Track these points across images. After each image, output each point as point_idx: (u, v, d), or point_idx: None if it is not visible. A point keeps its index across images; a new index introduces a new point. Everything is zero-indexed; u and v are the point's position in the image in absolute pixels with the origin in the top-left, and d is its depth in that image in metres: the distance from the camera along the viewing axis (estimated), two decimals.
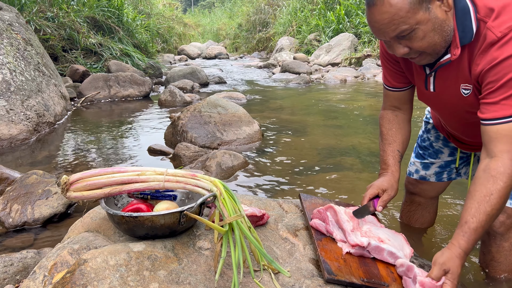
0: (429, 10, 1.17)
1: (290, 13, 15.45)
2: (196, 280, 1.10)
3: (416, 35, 1.20)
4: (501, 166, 1.18)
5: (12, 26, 4.82)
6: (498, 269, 1.61)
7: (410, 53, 1.27)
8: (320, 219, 1.42)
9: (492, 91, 1.20)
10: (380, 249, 1.28)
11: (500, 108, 1.18)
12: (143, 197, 1.36)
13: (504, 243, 1.56)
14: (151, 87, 6.87)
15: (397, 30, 1.19)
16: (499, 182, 1.17)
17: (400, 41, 1.23)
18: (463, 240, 1.19)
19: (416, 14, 1.16)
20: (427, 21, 1.18)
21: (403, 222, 2.10)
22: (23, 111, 4.05)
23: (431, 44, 1.23)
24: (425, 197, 1.96)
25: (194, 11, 34.12)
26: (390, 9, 1.15)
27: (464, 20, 1.23)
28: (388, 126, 1.60)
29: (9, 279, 1.46)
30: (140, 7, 13.80)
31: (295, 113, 5.31)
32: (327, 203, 1.53)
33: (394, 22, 1.17)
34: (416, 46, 1.23)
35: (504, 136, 1.18)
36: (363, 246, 1.28)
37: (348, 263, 1.25)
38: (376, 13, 1.18)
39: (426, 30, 1.19)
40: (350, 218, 1.38)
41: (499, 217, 1.51)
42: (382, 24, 1.19)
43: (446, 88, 1.38)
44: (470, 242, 1.19)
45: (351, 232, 1.32)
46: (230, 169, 2.99)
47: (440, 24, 1.20)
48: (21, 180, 2.38)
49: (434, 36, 1.21)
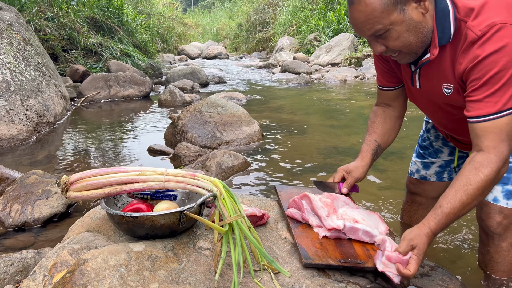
0: (403, 12, 1.21)
1: (290, 13, 15.44)
2: (196, 280, 1.10)
3: (391, 35, 1.24)
4: (485, 159, 1.22)
5: (12, 26, 4.82)
6: (497, 269, 1.61)
7: (387, 51, 1.32)
8: (296, 207, 1.46)
9: (476, 88, 1.23)
10: (355, 229, 1.33)
11: (484, 106, 1.22)
12: (143, 197, 1.36)
13: (502, 243, 1.56)
14: (151, 87, 6.87)
15: (372, 30, 1.24)
16: (480, 174, 1.21)
17: (377, 40, 1.29)
18: (433, 222, 1.24)
19: (390, 15, 1.20)
20: (401, 22, 1.22)
21: (404, 221, 2.10)
22: (23, 111, 4.05)
23: (405, 44, 1.27)
24: (426, 197, 1.96)
25: (194, 11, 34.13)
26: (366, 9, 1.20)
27: (444, 21, 1.26)
28: (373, 119, 1.68)
29: (9, 279, 1.46)
30: (140, 7, 13.80)
31: (295, 113, 5.31)
32: (302, 192, 1.57)
33: (369, 21, 1.22)
34: (391, 45, 1.27)
35: (490, 133, 1.22)
36: (339, 229, 1.33)
37: (324, 247, 1.30)
38: (354, 11, 1.24)
39: (400, 31, 1.23)
40: (325, 205, 1.43)
41: (495, 217, 1.52)
42: (359, 23, 1.25)
43: (430, 86, 1.42)
44: (439, 225, 1.24)
45: (327, 217, 1.37)
46: (230, 169, 2.99)
47: (415, 25, 1.24)
48: (21, 180, 2.38)
49: (408, 37, 1.25)
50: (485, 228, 1.58)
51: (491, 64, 1.19)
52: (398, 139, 3.91)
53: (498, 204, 1.51)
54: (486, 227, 1.57)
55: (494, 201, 1.53)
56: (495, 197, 1.53)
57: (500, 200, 1.51)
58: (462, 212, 1.25)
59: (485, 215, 1.56)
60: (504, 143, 1.22)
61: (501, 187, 1.51)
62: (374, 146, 1.63)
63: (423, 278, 1.34)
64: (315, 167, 3.14)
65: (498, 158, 1.22)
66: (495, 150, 1.22)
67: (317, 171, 3.07)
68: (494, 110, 1.21)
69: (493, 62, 1.18)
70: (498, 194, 1.52)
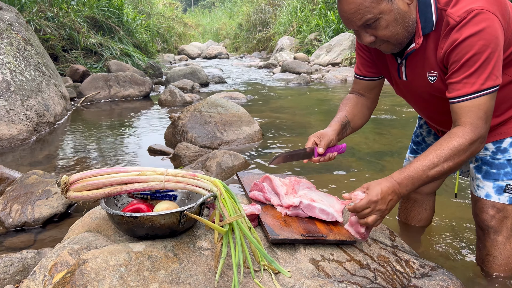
0: (391, 1, 1.30)
1: (290, 13, 15.44)
2: (196, 280, 1.10)
3: (380, 24, 1.32)
4: (461, 131, 1.31)
5: (12, 26, 4.82)
6: (494, 263, 1.63)
7: (376, 42, 1.39)
8: (258, 190, 1.54)
9: (455, 70, 1.31)
10: (312, 207, 1.42)
11: (463, 87, 1.30)
12: (143, 197, 1.36)
13: (497, 237, 1.59)
14: (151, 87, 6.87)
15: (363, 19, 1.31)
16: (453, 141, 1.30)
17: (366, 30, 1.35)
18: (399, 172, 1.33)
19: (379, 5, 1.28)
20: (389, 11, 1.30)
21: (401, 220, 2.11)
22: (23, 111, 4.05)
23: (393, 33, 1.34)
24: (420, 193, 1.97)
25: (194, 11, 34.12)
26: (356, 0, 1.27)
27: (426, 12, 1.35)
28: (345, 102, 1.74)
29: (9, 279, 1.46)
30: (140, 7, 13.80)
31: (296, 113, 5.31)
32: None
33: (360, 11, 1.29)
34: (381, 34, 1.34)
35: (468, 111, 1.30)
36: (296, 206, 1.42)
37: (288, 223, 1.38)
38: (344, 3, 1.31)
39: (389, 20, 1.31)
40: (284, 184, 1.50)
41: (489, 211, 1.57)
42: (350, 14, 1.31)
43: (416, 76, 1.48)
44: (404, 176, 1.31)
45: (285, 195, 1.47)
46: (230, 169, 2.99)
47: (402, 15, 1.32)
48: (21, 180, 2.38)
49: (396, 26, 1.33)
50: (480, 223, 1.62)
51: (468, 47, 1.26)
52: (397, 139, 3.92)
53: (490, 199, 1.56)
54: (480, 221, 1.61)
55: (486, 197, 1.57)
56: (487, 193, 1.57)
57: (492, 195, 1.55)
58: (431, 173, 1.31)
59: (479, 209, 1.60)
60: (481, 120, 1.30)
61: (492, 183, 1.55)
62: (344, 120, 1.68)
63: (423, 278, 1.33)
64: (315, 167, 3.14)
65: (473, 132, 1.30)
66: (472, 124, 1.30)
67: (317, 171, 3.07)
68: (471, 90, 1.28)
69: (469, 45, 1.26)
70: (490, 190, 1.56)
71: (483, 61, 1.26)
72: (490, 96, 1.29)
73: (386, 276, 1.30)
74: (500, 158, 1.53)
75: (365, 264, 1.33)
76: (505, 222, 1.56)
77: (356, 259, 1.35)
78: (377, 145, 3.81)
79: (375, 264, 1.35)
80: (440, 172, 1.31)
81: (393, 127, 4.47)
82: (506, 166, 1.52)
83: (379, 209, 1.30)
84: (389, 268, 1.35)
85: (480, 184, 1.59)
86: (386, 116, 5.00)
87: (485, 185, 1.57)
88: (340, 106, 1.74)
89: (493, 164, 1.54)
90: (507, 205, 1.54)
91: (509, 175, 1.52)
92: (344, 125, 1.67)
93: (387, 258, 1.39)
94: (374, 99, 1.75)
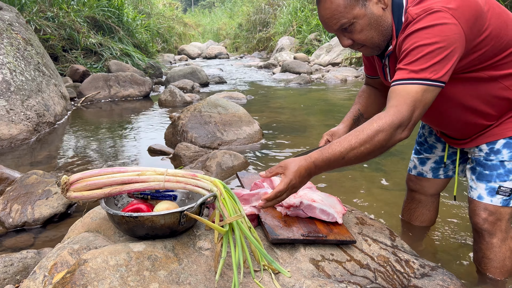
0: (365, 7, 1.35)
1: (290, 12, 15.44)
2: (196, 280, 1.10)
3: (355, 28, 1.37)
4: (383, 114, 1.29)
5: (12, 26, 4.82)
6: (490, 266, 1.63)
7: (354, 45, 1.44)
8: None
9: (401, 59, 1.33)
10: (312, 207, 1.42)
11: (401, 72, 1.31)
12: (143, 197, 1.36)
13: (492, 239, 1.59)
14: (151, 87, 6.86)
15: (338, 24, 1.36)
16: (374, 124, 1.28)
17: (344, 34, 1.41)
18: (317, 153, 1.29)
19: (353, 10, 1.33)
20: (363, 16, 1.35)
21: (404, 219, 2.11)
22: (23, 111, 4.05)
23: (368, 37, 1.40)
24: (425, 193, 1.97)
25: (194, 11, 34.12)
26: (331, 5, 1.34)
27: (398, 14, 1.39)
28: (360, 94, 1.82)
29: (9, 279, 1.46)
30: (140, 7, 13.81)
31: (296, 113, 5.31)
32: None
33: (335, 16, 1.35)
34: (356, 38, 1.40)
35: (397, 95, 1.30)
36: (296, 206, 1.42)
37: (288, 223, 1.39)
38: (321, 9, 1.37)
39: (363, 24, 1.36)
40: None
41: (481, 214, 1.56)
42: (326, 19, 1.37)
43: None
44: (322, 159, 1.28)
45: None
46: (230, 169, 2.99)
47: (376, 19, 1.37)
48: (21, 180, 2.37)
49: (370, 30, 1.38)
50: (474, 225, 1.63)
51: (416, 38, 1.28)
52: None
53: (482, 201, 1.56)
54: (474, 224, 1.62)
55: (478, 199, 1.57)
56: (479, 195, 1.57)
57: (484, 197, 1.55)
58: (348, 156, 1.27)
59: (472, 212, 1.61)
60: (407, 106, 1.27)
61: (485, 184, 1.55)
62: (357, 113, 1.75)
63: (423, 278, 1.33)
64: None
65: (394, 115, 1.27)
66: (396, 108, 1.28)
67: None
68: (407, 76, 1.29)
69: (417, 36, 1.28)
70: (482, 191, 1.56)
71: (427, 53, 1.26)
72: (423, 87, 1.26)
73: (386, 276, 1.30)
74: (493, 159, 1.52)
75: (365, 264, 1.33)
76: (498, 224, 1.55)
77: (356, 259, 1.35)
78: None
79: (375, 264, 1.34)
80: (358, 154, 1.28)
81: None
82: (499, 168, 1.51)
83: (294, 187, 1.28)
84: (389, 268, 1.35)
85: (474, 185, 1.59)
86: None
87: (478, 186, 1.57)
88: (356, 99, 1.82)
89: (486, 165, 1.54)
90: (500, 207, 1.53)
91: (502, 177, 1.51)
92: (357, 119, 1.73)
93: (387, 258, 1.39)
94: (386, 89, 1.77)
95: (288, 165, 1.28)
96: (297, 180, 1.26)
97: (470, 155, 1.65)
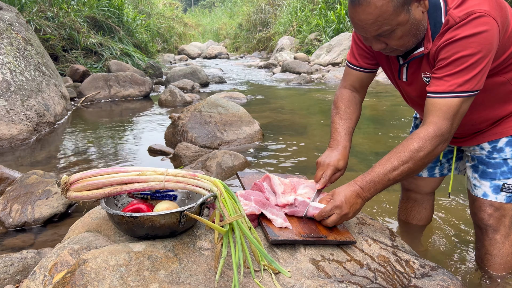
0: (409, 12, 1.24)
1: (290, 12, 15.44)
2: (197, 280, 1.10)
3: (395, 35, 1.27)
4: (423, 132, 1.29)
5: (12, 26, 4.82)
6: (493, 262, 1.63)
7: (385, 49, 1.36)
8: (257, 190, 1.52)
9: (441, 67, 1.29)
10: (306, 203, 1.40)
11: (442, 84, 1.28)
12: (143, 197, 1.36)
13: (496, 236, 1.60)
14: (151, 87, 6.86)
15: (380, 30, 1.26)
16: (414, 143, 1.29)
17: (379, 38, 1.31)
18: (361, 177, 1.34)
19: (398, 16, 1.23)
20: (406, 22, 1.25)
21: (401, 219, 2.11)
22: (23, 111, 4.05)
23: (405, 43, 1.31)
24: (420, 192, 1.98)
25: (194, 11, 34.12)
26: (375, 11, 1.21)
27: (435, 16, 1.31)
28: (347, 104, 1.64)
29: (9, 279, 1.46)
30: (140, 7, 13.80)
31: (296, 113, 5.31)
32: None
33: (378, 23, 1.23)
34: (393, 44, 1.31)
35: (438, 110, 1.28)
36: (291, 203, 1.40)
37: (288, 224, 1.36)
38: (360, 13, 1.24)
39: (404, 31, 1.27)
40: (282, 183, 1.48)
41: (486, 209, 1.57)
42: (366, 24, 1.25)
43: (416, 78, 1.46)
44: (366, 181, 1.32)
45: (282, 194, 1.44)
46: (230, 169, 2.99)
47: (416, 25, 1.28)
48: (21, 180, 2.37)
49: (409, 35, 1.29)
50: (478, 222, 1.63)
51: (460, 47, 1.23)
52: (396, 140, 3.91)
53: (487, 198, 1.57)
54: (478, 220, 1.62)
55: (483, 196, 1.58)
56: (484, 192, 1.58)
57: (489, 194, 1.56)
58: (392, 176, 1.31)
59: (477, 208, 1.62)
60: (447, 121, 1.28)
61: (489, 182, 1.56)
62: (351, 131, 1.62)
63: (423, 278, 1.33)
64: (315, 167, 3.14)
65: (435, 133, 1.28)
66: (436, 125, 1.28)
67: None
68: (449, 89, 1.27)
69: (462, 45, 1.23)
70: (487, 189, 1.57)
71: (471, 64, 1.24)
72: (464, 100, 1.27)
73: (386, 276, 1.30)
74: (496, 158, 1.54)
75: (365, 264, 1.33)
76: (503, 220, 1.57)
77: (356, 259, 1.35)
78: (378, 145, 3.81)
79: (375, 264, 1.34)
80: (401, 174, 1.31)
81: (393, 127, 4.47)
82: (503, 165, 1.53)
83: (344, 213, 1.32)
84: (389, 268, 1.35)
85: (477, 184, 1.60)
86: (386, 116, 4.99)
87: (482, 184, 1.58)
88: (342, 109, 1.62)
89: (489, 164, 1.56)
90: (505, 203, 1.55)
91: (506, 174, 1.53)
92: (351, 136, 1.63)
93: (387, 258, 1.39)
94: (365, 93, 1.73)
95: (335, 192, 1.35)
96: (343, 203, 1.31)
97: (469, 153, 1.66)
